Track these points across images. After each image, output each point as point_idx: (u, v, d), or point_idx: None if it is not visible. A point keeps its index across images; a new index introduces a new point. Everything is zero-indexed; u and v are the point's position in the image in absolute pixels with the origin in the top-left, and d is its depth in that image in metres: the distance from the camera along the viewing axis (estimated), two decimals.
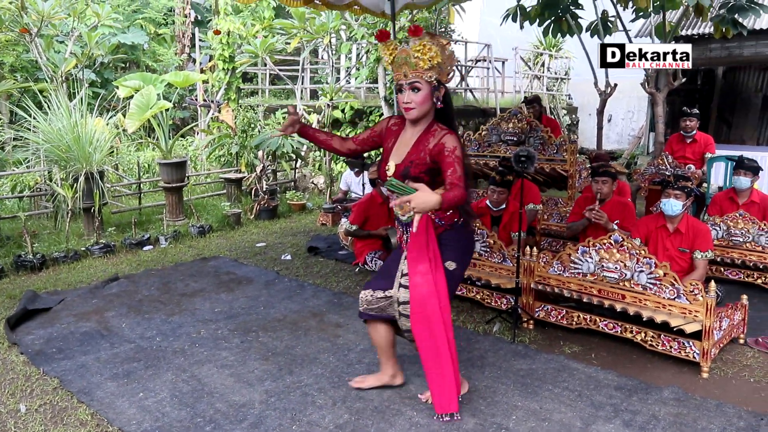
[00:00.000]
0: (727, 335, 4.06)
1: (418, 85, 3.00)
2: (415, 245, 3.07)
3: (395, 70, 3.06)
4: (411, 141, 3.12)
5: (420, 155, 3.04)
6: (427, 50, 2.96)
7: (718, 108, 14.17)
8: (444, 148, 2.97)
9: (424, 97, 3.01)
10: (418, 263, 3.06)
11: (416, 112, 3.04)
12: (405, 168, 3.06)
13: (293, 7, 7.01)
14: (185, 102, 14.99)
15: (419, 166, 3.03)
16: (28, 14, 9.83)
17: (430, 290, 3.03)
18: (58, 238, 7.00)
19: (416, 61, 2.97)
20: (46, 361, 3.98)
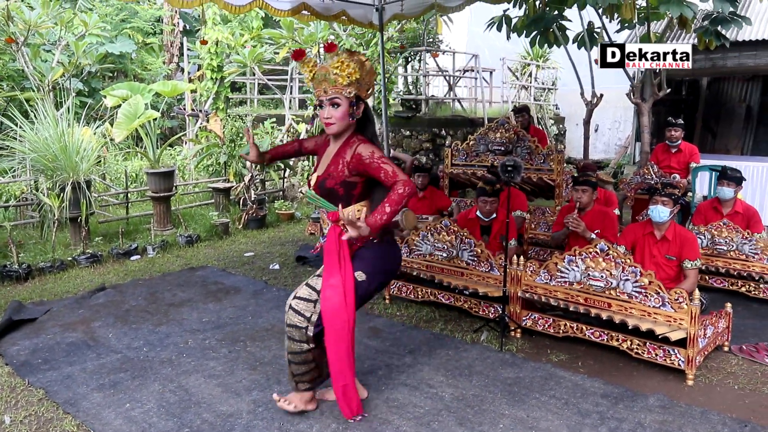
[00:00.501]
0: (712, 343, 4.10)
1: (338, 100, 3.09)
2: (328, 257, 3.13)
3: (316, 87, 3.14)
4: (331, 154, 3.22)
5: (338, 168, 3.12)
6: (345, 66, 3.05)
7: (703, 118, 14.34)
8: (362, 158, 3.04)
9: (343, 112, 3.09)
10: (330, 276, 3.10)
11: (336, 127, 3.13)
12: (322, 180, 3.16)
13: (282, 17, 7.04)
14: (173, 111, 14.95)
15: (335, 179, 3.12)
16: (15, 23, 9.79)
17: (341, 302, 3.07)
18: (44, 248, 6.95)
19: (335, 77, 3.05)
20: (32, 372, 3.95)
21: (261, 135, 10.35)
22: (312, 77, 3.13)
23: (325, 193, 3.13)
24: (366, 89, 3.18)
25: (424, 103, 12.51)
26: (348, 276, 3.10)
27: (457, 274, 4.89)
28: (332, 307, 3.07)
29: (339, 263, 3.09)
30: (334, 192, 3.11)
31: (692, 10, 6.18)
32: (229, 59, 12.43)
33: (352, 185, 3.12)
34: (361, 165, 3.04)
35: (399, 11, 7.27)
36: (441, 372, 3.93)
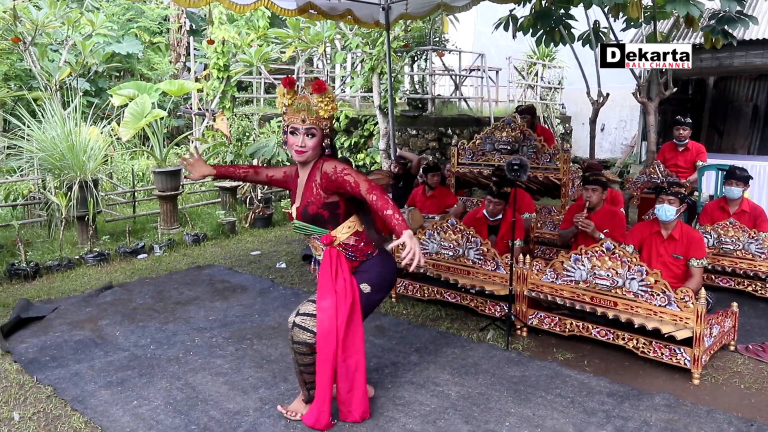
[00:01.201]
0: (718, 342, 4.09)
1: (314, 131, 3.12)
2: (322, 280, 3.16)
3: (291, 114, 3.12)
4: (303, 183, 3.24)
5: (313, 193, 3.15)
6: (329, 101, 3.10)
7: (710, 117, 14.30)
8: (328, 175, 3.08)
9: (316, 142, 3.13)
10: (322, 299, 3.13)
11: (308, 156, 3.15)
12: (304, 208, 3.18)
13: (288, 16, 7.06)
14: (180, 111, 15.01)
15: (315, 204, 3.14)
16: (22, 23, 9.85)
17: (331, 326, 3.09)
18: (51, 246, 7.00)
19: (317, 109, 3.09)
20: (40, 370, 3.98)
21: (267, 134, 10.37)
22: (290, 104, 3.13)
23: (310, 219, 3.17)
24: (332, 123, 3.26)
25: (431, 102, 12.51)
26: (347, 294, 3.12)
27: (464, 272, 4.90)
28: (323, 331, 3.09)
29: (333, 285, 3.12)
30: (319, 217, 3.15)
31: (699, 9, 6.17)
32: (235, 58, 12.46)
33: (334, 205, 3.15)
34: (330, 183, 3.08)
35: (405, 11, 7.28)
36: (447, 370, 3.94)
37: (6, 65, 12.48)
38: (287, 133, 3.16)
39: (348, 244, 3.19)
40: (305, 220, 3.18)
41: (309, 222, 3.17)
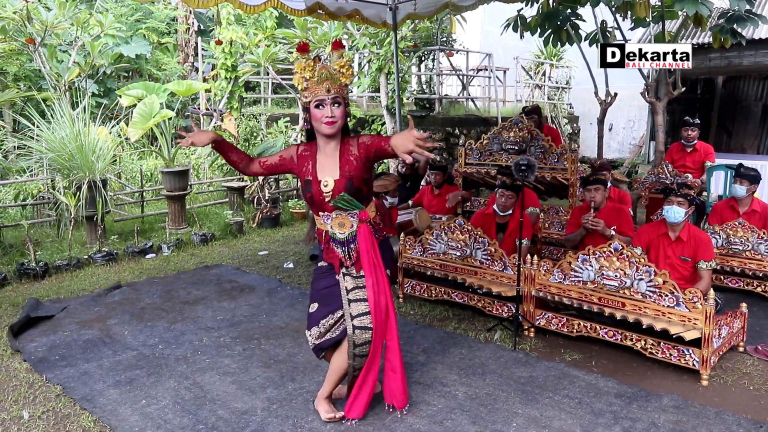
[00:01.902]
0: (727, 343, 4.07)
1: (340, 100, 3.05)
2: (366, 258, 3.16)
3: (314, 86, 3.03)
4: (335, 157, 3.13)
5: (354, 165, 3.09)
6: (348, 66, 3.05)
7: (718, 117, 14.22)
8: (367, 144, 3.07)
9: (343, 111, 3.07)
10: (373, 275, 3.15)
11: (337, 126, 3.06)
12: (348, 181, 3.07)
13: (297, 16, 7.07)
14: (188, 111, 15.05)
15: (358, 179, 3.09)
16: (32, 24, 9.90)
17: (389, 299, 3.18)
18: (60, 246, 7.04)
19: (339, 76, 3.03)
20: (49, 369, 4.01)
21: (274, 134, 10.40)
22: (311, 77, 3.03)
23: (355, 193, 3.10)
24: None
25: (438, 102, 12.51)
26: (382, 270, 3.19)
27: (471, 273, 4.89)
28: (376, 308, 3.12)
29: (374, 262, 3.15)
30: (360, 191, 3.10)
31: (708, 8, 6.14)
32: (243, 59, 12.49)
33: (368, 182, 3.14)
34: (369, 151, 3.06)
35: (412, 11, 7.29)
36: (454, 371, 3.94)
37: (16, 66, 12.56)
38: (310, 110, 3.06)
39: (376, 222, 3.21)
40: (351, 193, 3.08)
41: (354, 195, 3.09)
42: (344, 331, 3.16)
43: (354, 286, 3.17)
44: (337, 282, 3.22)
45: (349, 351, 3.14)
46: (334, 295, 3.22)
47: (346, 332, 3.14)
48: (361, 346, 3.13)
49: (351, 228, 3.14)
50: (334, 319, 3.20)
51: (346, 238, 3.14)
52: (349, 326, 3.11)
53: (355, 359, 3.16)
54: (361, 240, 3.14)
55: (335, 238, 3.16)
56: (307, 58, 3.05)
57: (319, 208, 3.18)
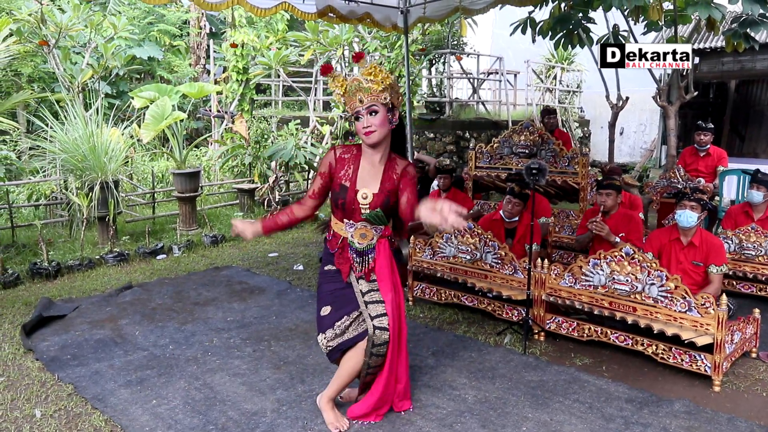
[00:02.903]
0: (739, 349, 4.04)
1: (376, 108, 3.01)
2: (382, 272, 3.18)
3: (349, 100, 3.04)
4: (378, 170, 3.13)
5: (392, 185, 3.12)
6: (378, 72, 3.01)
7: (731, 121, 14.15)
8: (408, 177, 3.13)
9: (382, 119, 3.02)
10: (388, 291, 3.16)
11: (377, 135, 3.03)
12: (386, 199, 3.10)
13: (308, 19, 7.10)
14: (199, 113, 15.14)
15: (393, 197, 3.12)
16: (47, 26, 9.99)
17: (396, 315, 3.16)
18: (73, 246, 7.09)
19: (369, 85, 3.00)
20: (61, 368, 4.03)
21: (285, 136, 10.43)
22: (344, 92, 3.05)
23: (387, 210, 3.12)
24: (397, 97, 3.12)
25: (448, 105, 12.50)
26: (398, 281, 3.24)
27: (481, 276, 4.89)
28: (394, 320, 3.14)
29: (392, 277, 3.18)
30: (392, 209, 3.15)
31: (721, 12, 6.10)
32: (254, 61, 12.55)
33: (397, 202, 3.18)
34: (405, 183, 3.11)
35: (423, 14, 7.28)
36: (464, 374, 3.93)
37: (30, 67, 12.67)
38: (354, 123, 3.10)
39: (390, 239, 3.24)
40: (385, 210, 3.11)
41: (386, 212, 3.12)
42: (363, 332, 3.15)
43: (369, 289, 3.18)
44: (349, 285, 3.21)
45: (367, 350, 3.13)
46: (347, 297, 3.20)
47: (365, 333, 3.14)
48: (380, 346, 3.13)
49: (371, 240, 3.15)
50: (351, 319, 3.18)
51: (363, 249, 3.15)
52: (370, 326, 3.11)
53: (371, 358, 3.15)
54: (379, 252, 3.17)
55: (353, 247, 3.16)
56: (335, 76, 3.08)
57: (345, 215, 3.15)
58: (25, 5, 10.48)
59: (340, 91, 3.06)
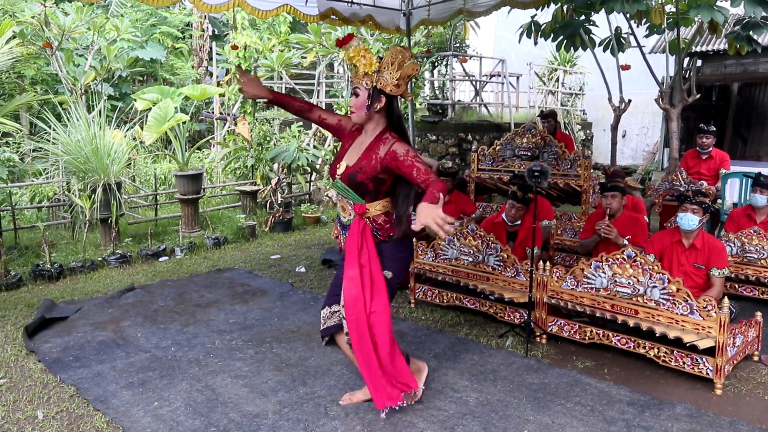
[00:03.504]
0: (741, 352, 4.04)
1: (358, 90, 3.11)
2: (348, 250, 3.19)
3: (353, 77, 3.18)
4: (363, 146, 3.20)
5: (371, 163, 3.12)
6: (360, 57, 3.06)
7: (734, 124, 14.13)
8: (396, 155, 3.06)
9: (360, 102, 3.10)
10: (348, 268, 3.16)
11: (356, 117, 3.16)
12: (353, 173, 3.14)
13: (310, 22, 7.11)
14: (202, 115, 15.15)
15: (366, 173, 3.12)
16: (50, 28, 10.02)
17: (357, 294, 3.14)
18: (75, 248, 7.10)
19: (354, 67, 3.10)
20: (63, 369, 4.04)
21: (288, 138, 10.44)
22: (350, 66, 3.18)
23: (354, 185, 3.15)
24: (392, 84, 3.10)
25: (451, 107, 12.51)
26: (374, 269, 3.19)
27: (483, 278, 4.88)
28: (350, 299, 3.14)
29: (359, 255, 3.16)
30: (363, 186, 3.14)
31: (723, 15, 6.11)
32: (257, 63, 12.56)
33: (381, 181, 3.16)
34: (394, 162, 3.06)
35: (426, 17, 7.30)
36: (466, 376, 3.93)
37: (33, 69, 12.71)
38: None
39: (376, 221, 3.22)
40: (349, 184, 3.16)
41: (351, 187, 3.17)
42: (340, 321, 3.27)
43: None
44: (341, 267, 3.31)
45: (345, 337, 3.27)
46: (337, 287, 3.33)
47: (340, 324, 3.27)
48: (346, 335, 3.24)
49: (350, 216, 3.25)
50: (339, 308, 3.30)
51: (345, 223, 3.29)
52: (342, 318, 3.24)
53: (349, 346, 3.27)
54: (351, 231, 3.21)
55: (340, 221, 3.37)
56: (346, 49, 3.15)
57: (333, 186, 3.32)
58: (28, 8, 10.52)
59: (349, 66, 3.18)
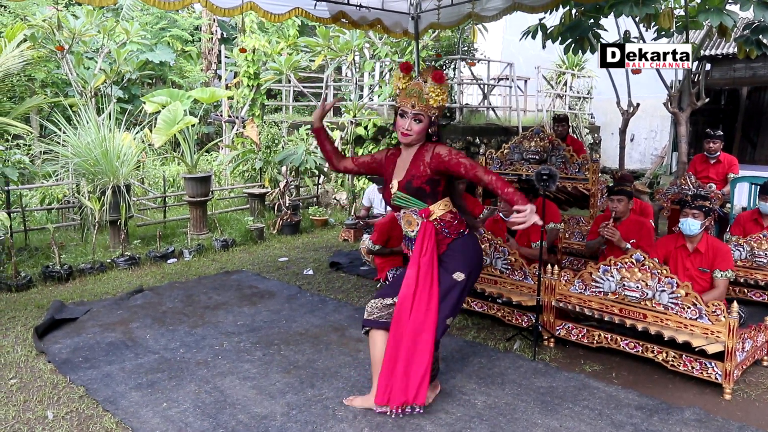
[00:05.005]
0: (751, 357, 4.02)
1: (422, 117, 3.30)
2: (414, 252, 3.34)
3: (403, 98, 3.32)
4: (408, 160, 3.39)
5: (420, 169, 3.31)
6: (440, 92, 3.28)
7: (743, 128, 14.07)
8: (442, 157, 3.26)
9: (422, 128, 3.32)
10: (410, 268, 3.33)
11: (412, 139, 3.33)
12: (407, 182, 3.33)
13: (321, 24, 7.16)
14: (210, 118, 15.20)
15: (420, 178, 3.30)
16: (61, 32, 10.09)
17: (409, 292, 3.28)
18: (84, 249, 7.14)
19: (428, 98, 3.27)
20: (73, 370, 4.06)
21: (296, 141, 10.47)
22: (404, 88, 3.32)
23: (413, 192, 3.32)
24: (440, 115, 3.41)
25: (459, 111, 12.51)
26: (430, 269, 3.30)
27: (491, 282, 4.89)
28: (402, 296, 3.30)
29: (419, 258, 3.30)
30: (421, 190, 3.31)
31: (732, 19, 6.10)
32: (265, 66, 12.60)
33: (436, 182, 3.32)
34: (441, 164, 3.24)
35: (435, 20, 7.32)
36: (473, 380, 3.93)
37: (44, 72, 12.78)
38: (397, 115, 3.36)
39: (444, 220, 3.36)
40: (408, 192, 3.33)
41: (411, 194, 3.33)
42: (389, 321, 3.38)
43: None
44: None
45: None
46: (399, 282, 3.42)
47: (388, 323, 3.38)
48: None
49: (417, 226, 3.35)
50: (391, 302, 3.41)
51: (415, 235, 3.37)
52: None
53: None
54: (417, 237, 3.33)
55: (407, 236, 3.46)
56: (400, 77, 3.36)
57: (394, 209, 3.49)
58: (39, 11, 10.59)
59: (401, 86, 3.33)
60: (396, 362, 3.32)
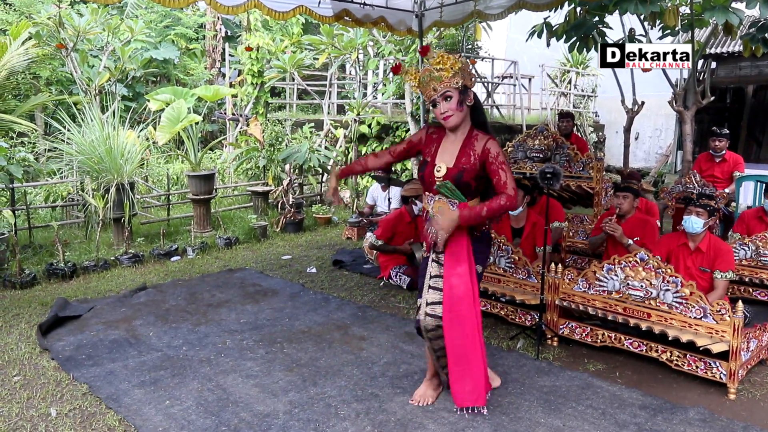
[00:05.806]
0: (755, 357, 4.00)
1: (449, 93, 3.20)
2: (454, 248, 3.28)
3: (424, 91, 3.26)
4: (456, 146, 3.29)
5: (471, 161, 3.23)
6: (446, 59, 3.19)
7: (748, 126, 14.01)
8: (489, 154, 3.20)
9: (456, 101, 3.21)
10: (457, 265, 3.26)
11: (455, 119, 3.23)
12: (458, 173, 3.23)
13: (325, 22, 7.14)
14: (214, 116, 15.23)
15: (470, 173, 3.22)
16: (65, 29, 10.10)
17: (467, 291, 3.24)
18: (88, 247, 7.15)
19: (440, 73, 3.17)
20: (76, 367, 4.07)
21: (299, 139, 10.47)
22: (419, 83, 3.26)
23: (462, 186, 3.24)
24: (470, 78, 3.28)
25: None
26: (472, 267, 3.30)
27: (494, 280, 4.87)
28: (458, 295, 3.24)
29: (467, 253, 3.27)
30: (468, 186, 3.24)
31: (738, 17, 6.06)
32: (269, 65, 12.61)
33: (481, 180, 3.27)
34: (486, 161, 3.20)
35: (439, 18, 7.30)
36: None
37: (48, 70, 12.81)
38: (431, 109, 3.29)
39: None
40: (457, 185, 3.24)
41: (459, 187, 3.24)
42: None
43: (437, 274, 3.34)
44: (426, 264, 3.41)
45: (424, 335, 3.38)
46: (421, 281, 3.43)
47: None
48: (431, 332, 3.32)
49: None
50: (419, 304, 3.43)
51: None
52: (422, 312, 3.33)
53: (431, 342, 3.37)
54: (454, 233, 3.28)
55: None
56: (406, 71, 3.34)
57: (427, 188, 3.39)
58: (44, 9, 10.60)
59: (415, 83, 3.29)
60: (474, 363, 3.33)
